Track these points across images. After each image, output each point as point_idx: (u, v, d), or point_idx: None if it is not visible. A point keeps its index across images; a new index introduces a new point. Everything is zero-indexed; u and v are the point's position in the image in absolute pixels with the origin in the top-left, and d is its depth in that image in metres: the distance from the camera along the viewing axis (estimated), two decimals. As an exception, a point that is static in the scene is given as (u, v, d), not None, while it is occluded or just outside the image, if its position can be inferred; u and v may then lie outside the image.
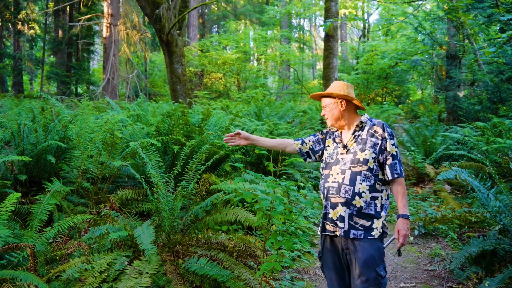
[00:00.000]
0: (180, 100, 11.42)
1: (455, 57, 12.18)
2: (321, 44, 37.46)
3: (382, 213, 2.48)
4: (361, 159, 2.47)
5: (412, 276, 4.11)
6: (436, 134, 8.25)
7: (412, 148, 7.70)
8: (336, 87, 2.61)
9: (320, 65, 33.67)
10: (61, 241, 4.27)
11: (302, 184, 5.66)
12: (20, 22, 23.78)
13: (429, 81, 20.85)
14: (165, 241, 3.68)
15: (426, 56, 15.96)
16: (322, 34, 38.61)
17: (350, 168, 2.48)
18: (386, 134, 2.52)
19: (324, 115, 2.67)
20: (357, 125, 2.59)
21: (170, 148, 4.96)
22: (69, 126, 5.05)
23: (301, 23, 36.52)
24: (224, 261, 3.48)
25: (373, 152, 2.47)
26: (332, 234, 2.51)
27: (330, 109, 2.61)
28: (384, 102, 18.52)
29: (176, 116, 5.33)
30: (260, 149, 6.10)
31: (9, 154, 5.23)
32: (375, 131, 2.54)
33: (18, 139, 5.00)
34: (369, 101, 19.74)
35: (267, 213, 3.04)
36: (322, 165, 2.72)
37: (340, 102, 2.58)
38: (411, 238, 5.02)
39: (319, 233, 2.64)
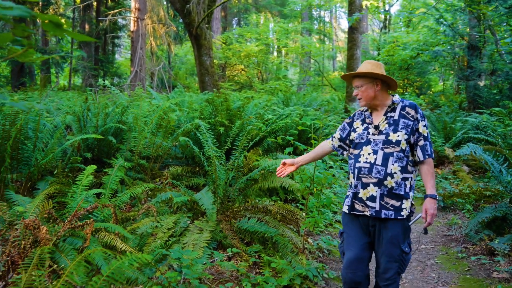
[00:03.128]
0: (208, 90, 12.08)
1: (476, 48, 12.52)
2: (341, 35, 37.66)
3: (411, 194, 2.51)
4: (394, 140, 2.47)
5: (432, 240, 4.68)
6: (456, 120, 8.72)
7: (433, 133, 8.18)
8: (370, 67, 2.59)
9: (340, 57, 33.97)
10: (125, 208, 4.96)
11: (332, 163, 6.26)
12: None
13: (451, 71, 21.04)
14: (219, 206, 4.32)
15: (449, 47, 16.23)
16: (343, 26, 38.53)
17: (382, 149, 2.48)
18: (418, 116, 2.52)
19: (357, 94, 2.63)
20: (389, 106, 2.59)
21: (216, 129, 5.60)
22: (126, 111, 5.72)
23: (322, 15, 36.77)
24: (270, 222, 4.10)
25: (405, 134, 2.47)
26: (361, 213, 2.55)
27: (365, 88, 2.57)
28: (405, 93, 18.83)
29: (218, 102, 5.97)
30: (290, 134, 6.69)
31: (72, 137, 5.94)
32: (407, 112, 2.53)
33: (83, 123, 5.69)
34: (390, 92, 20.03)
35: (309, 179, 3.65)
36: (351, 146, 2.73)
37: (376, 82, 2.58)
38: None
39: (345, 211, 2.66)
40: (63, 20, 1.04)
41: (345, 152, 2.83)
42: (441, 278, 3.71)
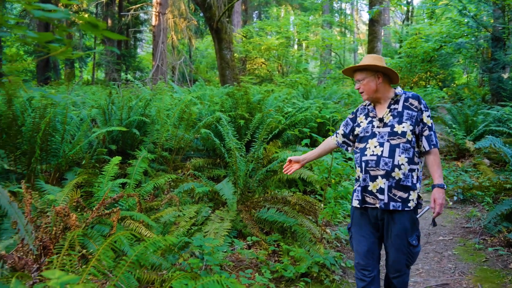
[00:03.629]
0: (228, 84, 12.20)
1: (500, 39, 12.30)
2: (362, 28, 37.28)
3: (418, 185, 2.51)
4: (399, 132, 2.48)
5: (450, 232, 4.71)
6: (478, 113, 8.63)
7: (454, 126, 8.13)
8: (371, 60, 2.59)
9: (361, 50, 33.67)
10: (148, 198, 5.13)
11: (351, 155, 6.32)
12: (71, 13, 25.15)
13: (475, 64, 20.66)
14: (239, 197, 4.44)
15: (473, 39, 15.96)
16: (364, 18, 38.11)
17: (388, 141, 2.49)
18: (422, 106, 2.54)
19: (359, 88, 2.62)
20: (392, 98, 2.59)
21: (237, 121, 5.72)
22: (149, 104, 5.89)
23: (343, 7, 36.46)
24: (289, 212, 4.20)
25: (410, 125, 2.48)
26: (372, 206, 2.55)
27: (366, 82, 2.58)
28: (428, 86, 18.61)
29: (239, 95, 6.09)
30: (309, 127, 6.76)
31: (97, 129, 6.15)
32: (410, 104, 2.55)
33: (108, 116, 5.88)
34: (412, 84, 19.83)
35: (326, 170, 3.74)
36: (356, 141, 2.73)
37: (377, 75, 2.58)
38: (450, 203, 5.57)
39: (355, 206, 2.65)
40: (86, 15, 1.15)
41: (349, 148, 2.85)
42: (458, 269, 3.75)
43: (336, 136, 2.87)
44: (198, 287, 1.88)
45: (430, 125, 2.55)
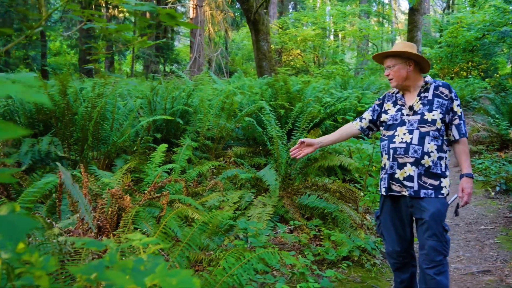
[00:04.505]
0: (266, 75, 12.31)
1: (547, 27, 11.84)
2: (400, 17, 36.47)
3: (447, 173, 2.51)
4: (429, 120, 2.47)
5: (492, 221, 4.69)
6: (523, 103, 8.41)
7: (497, 116, 7.96)
8: (403, 46, 2.57)
9: (399, 40, 32.96)
10: (192, 185, 5.35)
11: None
12: (111, 7, 25.82)
13: (520, 53, 19.90)
14: (280, 184, 4.58)
15: (518, 27, 15.39)
16: (403, 8, 37.20)
17: (418, 128, 2.48)
18: (452, 95, 2.53)
19: (388, 75, 2.60)
20: (422, 87, 2.58)
21: (277, 111, 5.85)
22: (192, 95, 6.09)
23: (381, -3, 35.72)
24: (329, 199, 4.30)
25: (440, 113, 2.48)
26: (398, 194, 2.54)
27: (397, 69, 2.56)
28: (469, 76, 18.10)
29: (279, 85, 6.20)
30: (346, 117, 6.79)
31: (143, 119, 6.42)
32: (441, 92, 2.54)
33: (153, 106, 6.13)
34: (452, 75, 19.35)
35: (368, 157, 3.81)
36: (382, 128, 2.71)
37: (409, 62, 2.56)
38: (492, 193, 5.52)
39: (382, 193, 2.64)
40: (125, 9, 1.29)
41: (371, 133, 2.85)
42: (500, 256, 3.76)
43: (361, 121, 2.82)
44: (254, 257, 2.02)
45: (460, 114, 2.54)
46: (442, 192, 2.46)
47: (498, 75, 21.47)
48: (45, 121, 5.84)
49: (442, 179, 2.47)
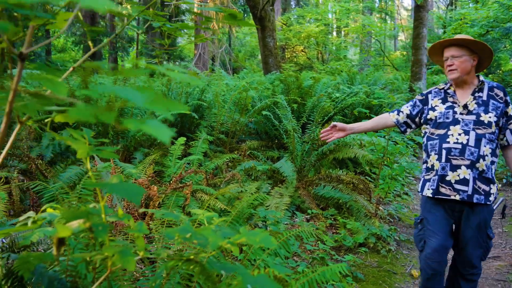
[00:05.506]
0: (272, 71, 12.47)
1: (551, 23, 11.97)
2: (404, 14, 36.52)
3: (495, 178, 2.41)
4: (486, 122, 2.34)
5: (500, 212, 4.86)
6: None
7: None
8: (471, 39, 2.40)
9: (402, 36, 33.02)
10: (208, 177, 5.52)
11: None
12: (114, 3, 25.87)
13: (523, 49, 19.99)
14: (296, 175, 4.75)
15: (523, 23, 15.48)
16: (405, 4, 37.09)
17: (474, 130, 2.35)
18: (507, 98, 2.42)
19: (452, 65, 2.42)
20: (476, 85, 2.45)
21: (290, 105, 6.02)
22: (206, 90, 6.26)
23: (384, -7, 35.75)
24: (343, 190, 4.47)
25: (495, 116, 2.36)
26: (448, 198, 2.39)
27: (463, 60, 2.40)
28: (472, 72, 18.19)
29: (291, 80, 6.37)
30: (358, 111, 6.96)
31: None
32: (496, 94, 2.42)
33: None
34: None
35: (383, 150, 3.97)
36: (428, 126, 2.56)
37: (474, 56, 2.43)
38: (499, 185, 5.69)
39: (428, 195, 2.48)
40: (128, 6, 1.45)
41: (408, 130, 2.70)
42: (509, 244, 3.94)
43: (398, 114, 2.68)
44: (290, 235, 2.20)
45: None
46: (490, 199, 2.37)
47: (501, 71, 21.58)
48: (64, 116, 6.02)
49: (491, 185, 2.37)
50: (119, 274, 1.91)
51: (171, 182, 3.91)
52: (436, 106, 2.51)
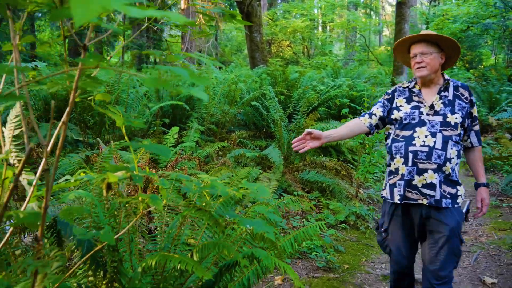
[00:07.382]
0: (259, 65, 12.79)
1: (527, 20, 12.49)
2: (388, 9, 37.09)
3: (459, 180, 2.29)
4: (452, 123, 2.25)
5: (470, 195, 5.26)
6: (501, 91, 9.04)
7: (477, 103, 8.59)
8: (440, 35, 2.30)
9: (386, 31, 33.59)
10: (200, 164, 5.83)
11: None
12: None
13: (503, 45, 20.62)
14: (283, 161, 5.09)
15: (501, 20, 16.03)
16: (390, 0, 37.59)
17: (441, 131, 2.24)
18: (473, 98, 2.34)
19: (421, 62, 2.30)
20: (442, 84, 2.34)
21: (277, 97, 6.36)
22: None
23: (369, -11, 36.22)
24: (327, 174, 4.83)
25: (460, 117, 2.26)
26: (415, 202, 2.27)
27: (433, 57, 2.29)
28: (454, 67, 18.75)
29: (278, 73, 6.70)
30: (341, 103, 7.30)
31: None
32: (461, 94, 2.32)
33: (161, 93, 6.59)
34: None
35: (362, 136, 4.33)
36: (393, 126, 2.42)
37: (442, 54, 2.33)
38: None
39: (396, 201, 2.32)
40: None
41: (376, 131, 2.54)
42: (476, 221, 4.34)
43: (370, 118, 2.49)
44: (270, 209, 2.53)
45: (477, 119, 2.39)
46: (458, 201, 2.25)
47: (482, 66, 22.19)
48: (60, 107, 6.26)
49: (458, 187, 2.27)
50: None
51: (167, 166, 4.22)
52: (401, 106, 2.40)
